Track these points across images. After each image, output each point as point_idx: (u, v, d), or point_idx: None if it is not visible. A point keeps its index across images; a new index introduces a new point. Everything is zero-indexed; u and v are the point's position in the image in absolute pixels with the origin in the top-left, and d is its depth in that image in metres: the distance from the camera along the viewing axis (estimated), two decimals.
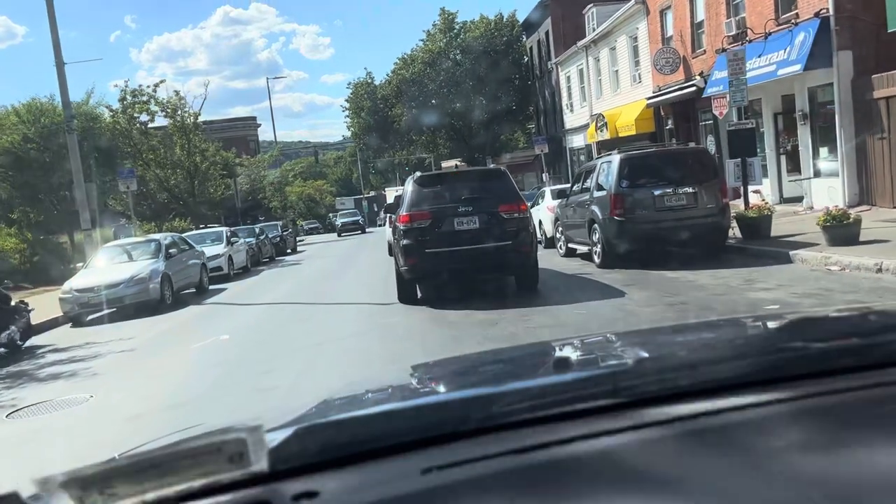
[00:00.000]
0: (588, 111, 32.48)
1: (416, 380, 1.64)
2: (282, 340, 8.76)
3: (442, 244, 9.68)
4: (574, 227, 13.65)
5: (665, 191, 11.39)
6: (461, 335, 7.46)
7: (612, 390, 1.04)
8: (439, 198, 10.03)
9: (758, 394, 1.00)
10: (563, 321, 7.64)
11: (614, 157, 11.88)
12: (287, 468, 0.89)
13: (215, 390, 6.41)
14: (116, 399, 6.59)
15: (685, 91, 21.98)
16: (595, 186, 12.36)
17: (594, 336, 2.03)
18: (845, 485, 0.77)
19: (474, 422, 0.98)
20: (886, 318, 1.49)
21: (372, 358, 6.92)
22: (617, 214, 11.46)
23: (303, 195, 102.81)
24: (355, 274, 17.38)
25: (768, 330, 1.60)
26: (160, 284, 14.30)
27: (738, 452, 0.86)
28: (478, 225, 9.77)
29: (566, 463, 0.86)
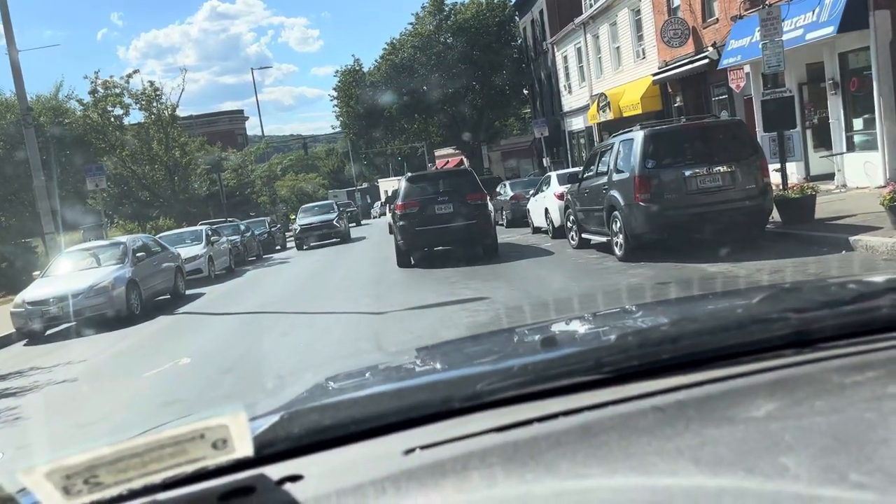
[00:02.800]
0: (588, 92, 30.89)
1: (403, 363, 1.64)
2: (251, 365, 7.21)
3: (427, 223, 13.41)
4: (589, 214, 12.11)
5: (697, 171, 9.83)
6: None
7: (593, 366, 1.04)
8: (424, 191, 13.90)
9: (738, 365, 1.02)
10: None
11: (636, 134, 10.31)
12: (271, 452, 0.91)
13: None
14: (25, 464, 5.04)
15: (696, 64, 20.41)
16: (613, 168, 10.81)
17: (578, 314, 2.14)
18: (824, 452, 0.76)
19: (458, 401, 0.99)
20: (864, 287, 1.46)
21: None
22: (642, 200, 9.91)
23: (295, 189, 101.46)
24: (345, 273, 15.83)
25: (748, 302, 1.57)
26: (125, 293, 12.70)
27: (719, 424, 0.86)
28: (452, 209, 13.45)
29: (548, 439, 0.87)
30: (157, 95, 25.81)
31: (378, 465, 0.86)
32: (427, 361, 1.63)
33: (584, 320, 1.86)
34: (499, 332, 2.13)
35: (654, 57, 23.79)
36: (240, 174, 43.79)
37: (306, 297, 12.66)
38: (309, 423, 0.99)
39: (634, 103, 24.30)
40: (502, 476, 0.80)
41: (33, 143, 16.16)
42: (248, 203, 43.83)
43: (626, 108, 25.08)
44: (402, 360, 1.68)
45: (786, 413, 0.88)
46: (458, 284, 10.63)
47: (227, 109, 67.67)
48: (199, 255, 18.25)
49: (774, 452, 0.78)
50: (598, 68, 30.00)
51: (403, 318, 8.40)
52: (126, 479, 0.75)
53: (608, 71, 28.68)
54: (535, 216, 18.13)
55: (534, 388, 1.01)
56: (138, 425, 4.84)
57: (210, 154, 45.69)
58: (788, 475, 0.73)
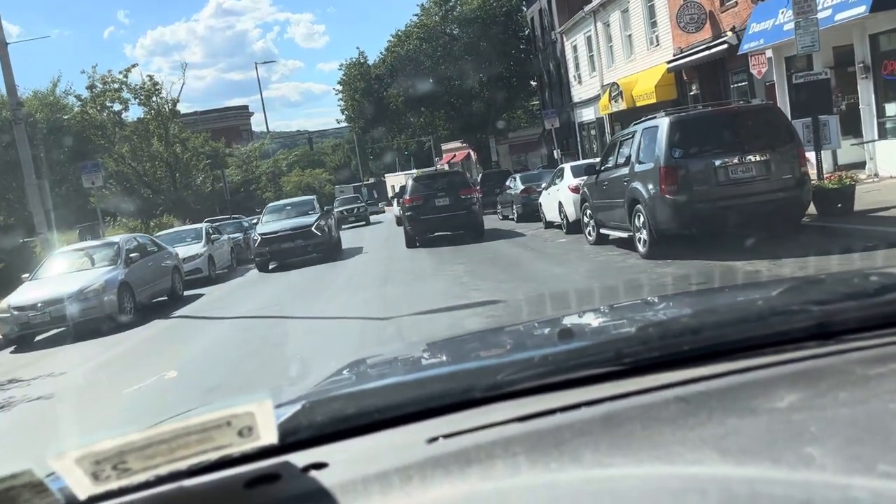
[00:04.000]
0: (598, 82, 30.04)
1: (424, 353, 1.64)
2: (242, 380, 6.49)
3: (429, 213, 17.10)
4: (608, 208, 11.34)
5: (728, 160, 9.04)
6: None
7: (614, 357, 1.04)
8: (427, 188, 17.71)
9: (760, 357, 1.01)
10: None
11: (661, 121, 9.52)
12: (296, 440, 0.91)
13: None
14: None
15: (713, 50, 19.54)
16: (636, 159, 10.03)
17: (598, 306, 2.12)
18: (849, 443, 0.76)
19: (479, 391, 0.99)
20: (887, 279, 1.44)
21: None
22: (668, 192, 9.13)
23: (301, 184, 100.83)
24: (352, 273, 15.12)
25: (769, 294, 1.58)
26: (118, 296, 12.01)
27: (742, 414, 0.85)
28: (448, 202, 17.11)
29: (571, 428, 0.86)
30: (157, 90, 25.11)
31: (402, 454, 0.86)
32: (447, 352, 1.63)
33: (604, 312, 1.87)
34: (518, 325, 2.06)
35: (669, 44, 22.93)
36: (244, 170, 43.22)
37: (308, 298, 11.95)
38: (333, 412, 1.00)
39: (648, 92, 23.46)
40: (526, 465, 0.80)
41: (24, 139, 15.50)
42: (253, 199, 43.23)
43: (639, 97, 24.23)
44: (422, 350, 1.68)
45: (809, 404, 0.87)
46: (469, 286, 9.89)
47: (232, 105, 66.93)
48: (199, 255, 17.57)
49: (799, 442, 0.77)
50: (609, 57, 29.14)
51: (413, 329, 7.67)
52: (153, 466, 0.75)
53: (620, 60, 27.82)
54: (547, 210, 17.37)
55: (554, 378, 1.01)
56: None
57: (214, 150, 45.19)
58: (815, 465, 0.72)
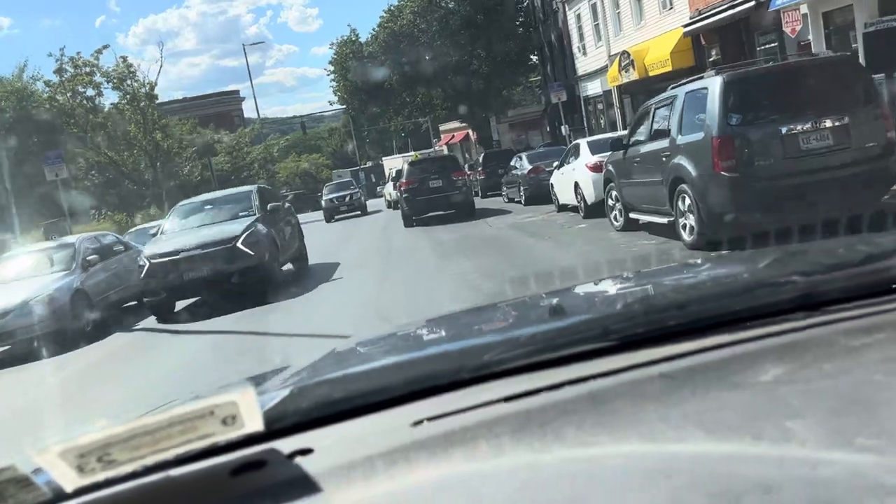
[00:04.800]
0: (605, 52, 28.14)
1: (410, 334, 1.61)
2: None
3: (424, 194, 18.31)
4: (639, 189, 9.62)
5: (798, 126, 7.32)
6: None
7: (600, 334, 1.04)
8: (422, 171, 19.07)
9: (745, 330, 1.01)
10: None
11: (712, 81, 7.76)
12: (282, 427, 0.90)
13: None
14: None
15: (738, 10, 17.71)
16: (678, 129, 8.29)
17: (584, 283, 2.04)
18: (831, 416, 0.75)
19: (466, 372, 0.99)
20: (872, 248, 1.43)
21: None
22: (725, 168, 7.40)
23: (298, 170, 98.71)
24: (341, 272, 13.44)
25: (754, 267, 1.56)
26: (70, 307, 10.32)
27: (726, 389, 0.85)
28: (441, 184, 18.31)
29: (556, 408, 0.86)
30: (131, 72, 23.27)
31: (387, 437, 0.85)
32: (434, 332, 1.60)
33: (591, 288, 1.85)
34: (504, 303, 1.91)
35: (684, 6, 21.06)
36: (234, 157, 41.39)
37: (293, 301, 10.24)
38: (318, 397, 0.99)
39: (663, 59, 21.63)
40: (510, 445, 0.80)
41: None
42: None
43: (652, 65, 22.39)
44: (408, 331, 1.64)
45: (793, 377, 0.86)
46: (481, 290, 8.20)
47: (223, 91, 64.97)
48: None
49: (781, 417, 0.76)
50: (616, 25, 27.24)
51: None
52: (139, 457, 0.75)
53: (628, 27, 25.93)
54: (561, 192, 15.63)
55: (541, 357, 1.00)
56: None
57: (202, 137, 43.38)
58: (795, 440, 0.72)
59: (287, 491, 0.78)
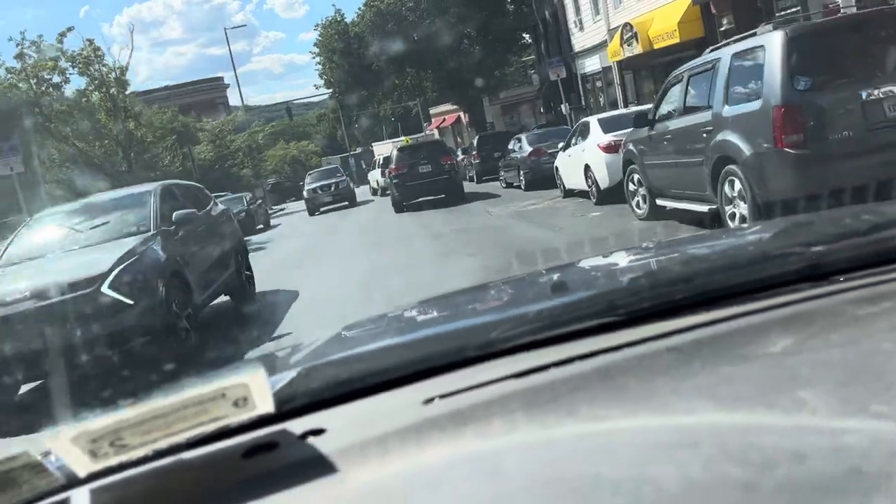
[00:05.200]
0: (604, 26, 26.64)
1: (417, 312, 1.61)
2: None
3: (413, 179, 18.60)
4: (670, 171, 8.22)
5: (882, 90, 5.91)
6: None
7: (607, 309, 1.02)
8: (411, 157, 19.22)
9: (752, 302, 0.99)
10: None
11: (769, 38, 6.32)
12: (293, 408, 0.90)
13: None
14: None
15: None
16: (724, 99, 6.87)
17: (588, 258, 1.98)
18: (841, 385, 0.75)
19: (474, 349, 0.98)
20: (878, 217, 1.40)
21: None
22: (791, 143, 5.99)
23: (287, 158, 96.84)
24: (329, 267, 12.03)
25: (760, 238, 1.57)
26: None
27: (735, 361, 0.84)
28: (430, 169, 18.60)
29: (566, 383, 0.86)
30: (98, 55, 21.62)
31: (399, 416, 0.84)
32: (439, 311, 1.59)
33: (595, 263, 1.85)
34: (509, 280, 1.93)
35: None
36: (217, 145, 39.72)
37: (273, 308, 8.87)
38: (328, 377, 0.98)
39: (669, 31, 20.14)
40: (524, 421, 0.79)
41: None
42: (229, 177, 39.82)
43: (658, 37, 20.91)
44: (415, 309, 1.62)
45: (801, 347, 0.86)
46: None
47: (206, 78, 63.18)
48: None
49: (792, 387, 0.76)
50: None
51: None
52: (151, 440, 0.74)
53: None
54: (567, 176, 14.22)
55: (548, 333, 0.99)
56: None
57: (184, 125, 41.73)
58: (807, 409, 0.71)
59: (301, 472, 0.78)
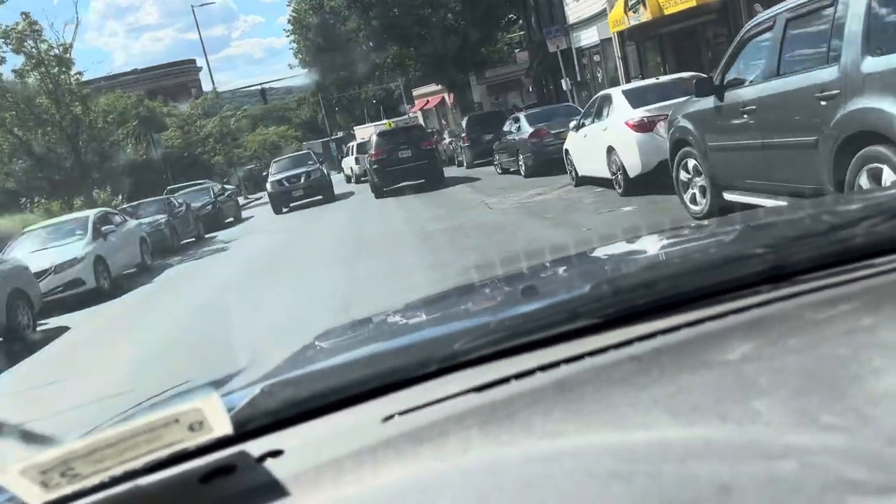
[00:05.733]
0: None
1: (378, 324, 1.58)
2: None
3: (393, 165, 18.88)
4: (753, 156, 6.01)
5: None
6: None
7: (571, 317, 1.00)
8: (390, 141, 19.55)
9: (713, 306, 0.98)
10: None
11: None
12: (252, 428, 0.88)
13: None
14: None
15: None
16: (859, 48, 4.63)
17: (550, 261, 1.97)
18: (796, 394, 0.74)
19: (435, 362, 0.96)
20: (838, 218, 1.37)
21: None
22: None
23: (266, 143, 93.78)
24: (296, 278, 9.76)
25: (723, 239, 1.54)
26: None
27: (694, 369, 0.83)
28: (410, 154, 18.97)
29: (524, 397, 0.84)
30: (35, 30, 19.02)
31: (356, 436, 0.83)
32: (401, 321, 1.57)
33: (557, 266, 1.83)
34: (472, 286, 1.87)
35: None
36: (186, 131, 37.09)
37: (238, 326, 6.59)
38: (286, 396, 0.94)
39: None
40: (478, 439, 0.78)
41: None
42: (199, 165, 37.24)
43: (669, 1, 18.66)
44: (375, 321, 1.60)
45: (760, 354, 0.85)
46: None
47: (176, 61, 60.28)
48: (79, 259, 12.05)
49: (748, 397, 0.75)
50: None
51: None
52: (104, 469, 0.73)
53: None
54: (580, 160, 12.00)
55: (511, 343, 0.97)
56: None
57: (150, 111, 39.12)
58: (761, 420, 0.70)
59: (256, 497, 0.76)
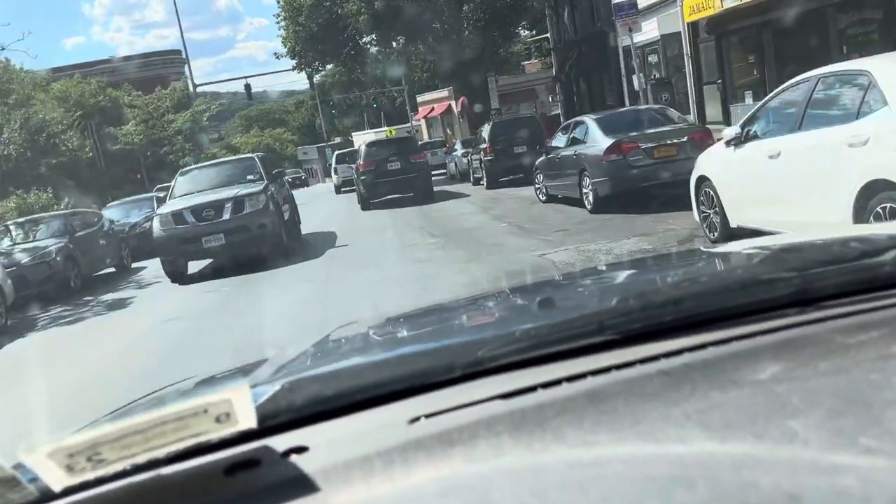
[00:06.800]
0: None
1: (403, 326, 1.59)
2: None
3: (381, 176, 18.29)
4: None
5: None
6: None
7: (597, 329, 1.01)
8: (380, 152, 18.95)
9: (741, 326, 0.98)
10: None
11: None
12: (276, 424, 0.88)
13: None
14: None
15: None
16: None
17: (576, 274, 1.95)
18: (831, 415, 0.74)
19: (461, 368, 0.96)
20: (867, 245, 1.41)
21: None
22: None
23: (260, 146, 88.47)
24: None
25: (750, 261, 1.58)
26: None
27: (725, 387, 0.84)
28: (399, 166, 18.33)
29: (554, 405, 0.85)
30: None
31: (384, 435, 0.83)
32: (425, 325, 1.58)
33: (584, 281, 1.84)
34: (498, 294, 1.87)
35: None
36: (150, 126, 31.53)
37: None
38: (311, 393, 0.95)
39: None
40: (510, 444, 0.78)
41: None
42: (164, 166, 31.68)
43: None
44: (401, 322, 1.62)
45: (791, 375, 0.85)
46: None
47: (158, 51, 54.99)
48: None
49: (782, 416, 0.75)
50: None
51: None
52: (129, 455, 0.73)
53: None
54: (749, 195, 6.50)
55: (536, 352, 0.97)
56: None
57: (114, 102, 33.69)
58: (798, 440, 0.70)
59: (282, 491, 0.76)
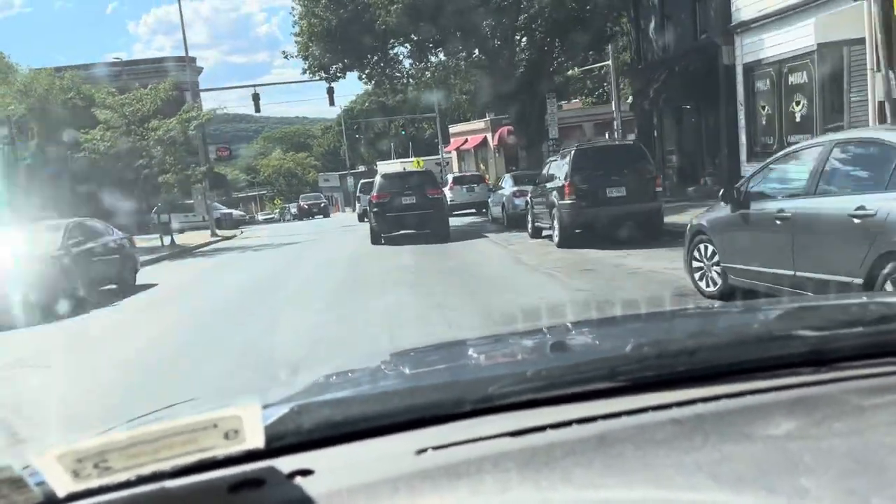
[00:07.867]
0: None
1: (414, 360, 1.60)
2: None
3: (396, 211, 17.53)
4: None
5: None
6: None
7: (609, 374, 1.02)
8: (395, 185, 18.30)
9: (755, 381, 0.99)
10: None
11: None
12: (282, 445, 0.89)
13: None
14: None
15: None
16: None
17: (592, 319, 2.02)
18: (844, 475, 0.74)
19: (470, 403, 0.97)
20: (885, 309, 1.43)
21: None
22: None
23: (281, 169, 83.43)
24: None
25: (766, 317, 1.58)
26: None
27: (737, 440, 0.84)
28: (415, 200, 17.61)
29: (563, 446, 0.84)
30: None
31: (390, 464, 0.83)
32: (438, 360, 1.59)
33: (598, 326, 1.85)
34: (510, 334, 1.88)
35: None
36: (125, 132, 25.40)
37: None
38: (320, 418, 0.96)
39: None
40: (517, 481, 0.78)
41: None
42: (138, 183, 25.50)
43: None
44: (412, 356, 1.64)
45: (804, 433, 0.84)
46: None
47: (170, 56, 49.76)
48: None
49: (794, 473, 0.75)
50: None
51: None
52: (136, 465, 0.73)
53: None
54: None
55: (547, 393, 0.98)
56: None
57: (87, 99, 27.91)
58: (809, 497, 0.70)
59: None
